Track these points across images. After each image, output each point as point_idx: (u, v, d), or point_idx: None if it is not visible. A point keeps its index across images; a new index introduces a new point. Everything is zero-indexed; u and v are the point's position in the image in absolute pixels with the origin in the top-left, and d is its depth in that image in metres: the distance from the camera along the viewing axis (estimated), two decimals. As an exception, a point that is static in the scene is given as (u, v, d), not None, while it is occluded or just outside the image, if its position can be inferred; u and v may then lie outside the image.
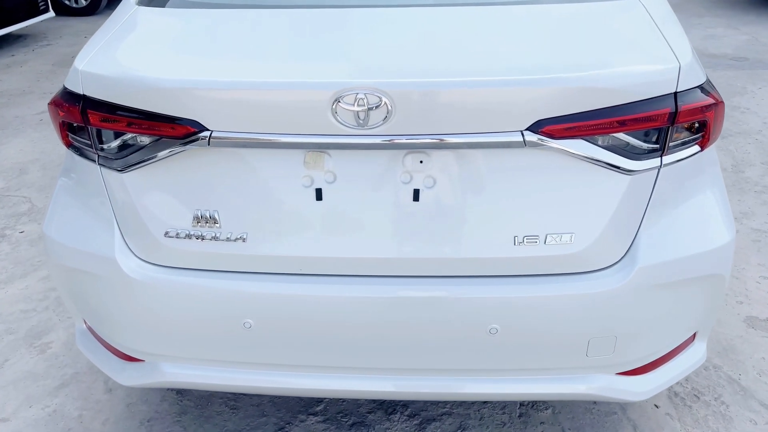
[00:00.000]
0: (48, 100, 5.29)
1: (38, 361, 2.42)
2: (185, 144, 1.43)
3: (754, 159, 3.95)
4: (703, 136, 1.51)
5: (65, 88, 1.58)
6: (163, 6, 1.79)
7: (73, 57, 6.49)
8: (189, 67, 1.44)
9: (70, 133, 1.61)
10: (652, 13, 1.61)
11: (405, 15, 1.62)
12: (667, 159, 1.47)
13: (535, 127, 1.37)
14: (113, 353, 1.78)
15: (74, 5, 8.31)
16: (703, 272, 1.55)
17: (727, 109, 4.72)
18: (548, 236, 1.46)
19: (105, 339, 1.77)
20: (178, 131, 1.42)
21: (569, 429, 2.06)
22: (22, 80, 5.84)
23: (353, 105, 1.35)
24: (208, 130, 1.41)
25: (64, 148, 1.67)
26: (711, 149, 1.62)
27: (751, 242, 3.06)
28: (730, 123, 4.48)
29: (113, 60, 1.53)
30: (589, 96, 1.36)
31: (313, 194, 1.47)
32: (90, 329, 1.87)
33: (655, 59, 1.43)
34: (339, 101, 1.35)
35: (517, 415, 2.11)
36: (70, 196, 1.70)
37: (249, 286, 1.53)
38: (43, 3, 7.01)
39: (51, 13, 7.14)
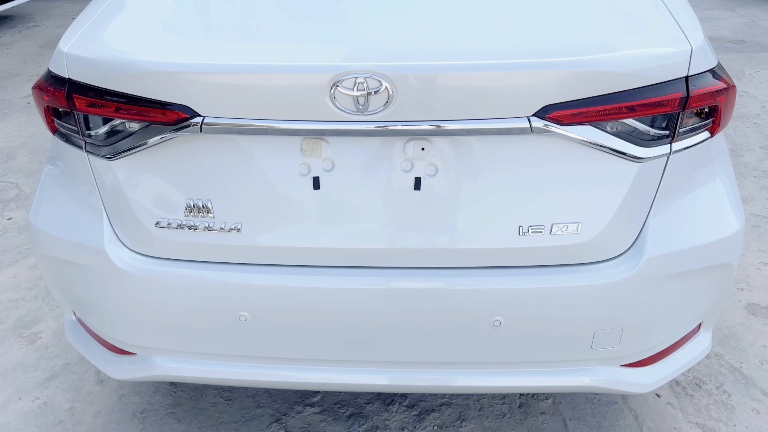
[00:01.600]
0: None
1: (28, 352, 2.37)
2: (176, 130, 1.37)
3: (753, 143, 3.91)
4: (713, 122, 1.46)
5: (50, 72, 1.51)
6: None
7: (60, 39, 6.38)
8: (180, 49, 1.37)
9: (55, 119, 1.54)
10: (662, -5, 1.55)
11: None
12: (676, 146, 1.42)
13: (542, 113, 1.31)
14: (104, 346, 1.73)
15: (61, -15, 8.12)
16: (712, 262, 1.51)
17: (725, 93, 4.68)
18: (554, 226, 1.42)
19: (95, 331, 1.71)
20: (168, 117, 1.36)
21: (570, 419, 2.03)
22: (9, 63, 5.71)
23: (352, 89, 1.28)
24: (200, 115, 1.35)
25: (51, 133, 1.60)
26: (720, 136, 1.57)
27: (751, 228, 3.03)
28: (728, 107, 4.44)
29: (100, 42, 1.45)
30: (598, 80, 1.30)
31: (311, 183, 1.41)
32: (80, 321, 1.82)
33: (666, 42, 1.38)
34: (337, 85, 1.28)
35: (518, 405, 2.08)
36: (57, 184, 1.63)
37: (244, 278, 1.47)
38: (28, -17, 6.84)
39: (37, -7, 6.97)
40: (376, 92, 1.28)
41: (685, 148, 1.43)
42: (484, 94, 1.30)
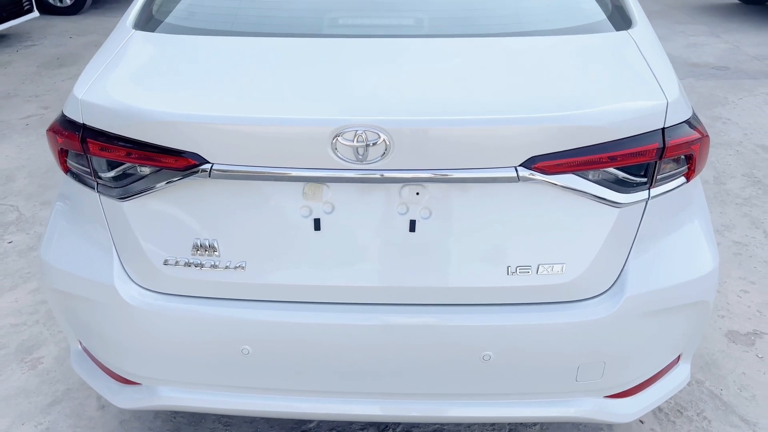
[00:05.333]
0: (34, 104, 5.27)
1: (30, 377, 2.42)
2: (186, 176, 1.45)
3: (735, 171, 4.03)
4: (689, 168, 1.57)
5: (64, 116, 1.60)
6: (158, 31, 1.80)
7: (58, 58, 6.47)
8: (190, 100, 1.46)
9: (68, 160, 1.62)
10: (641, 48, 1.66)
11: (401, 46, 1.65)
12: (654, 191, 1.52)
13: (529, 163, 1.41)
14: (110, 375, 1.80)
15: (58, 4, 8.23)
16: (688, 300, 1.61)
17: (708, 120, 4.82)
18: (540, 266, 1.51)
19: (102, 362, 1.78)
20: (179, 163, 1.44)
21: (557, 445, 2.11)
22: (7, 83, 5.78)
23: (352, 141, 1.38)
24: (209, 162, 1.43)
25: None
26: (696, 179, 1.67)
27: (732, 255, 3.14)
28: (711, 134, 4.57)
29: (113, 90, 1.54)
30: (580, 134, 1.40)
31: (312, 224, 1.50)
32: (85, 350, 1.88)
33: (643, 96, 1.48)
34: (339, 137, 1.38)
35: (507, 430, 2.16)
36: (68, 221, 1.71)
37: (248, 314, 1.55)
38: (27, 3, 6.93)
39: (35, 13, 7.06)
40: (374, 144, 1.38)
41: (663, 194, 1.53)
42: (475, 145, 1.39)
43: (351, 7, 1.85)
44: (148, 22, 1.86)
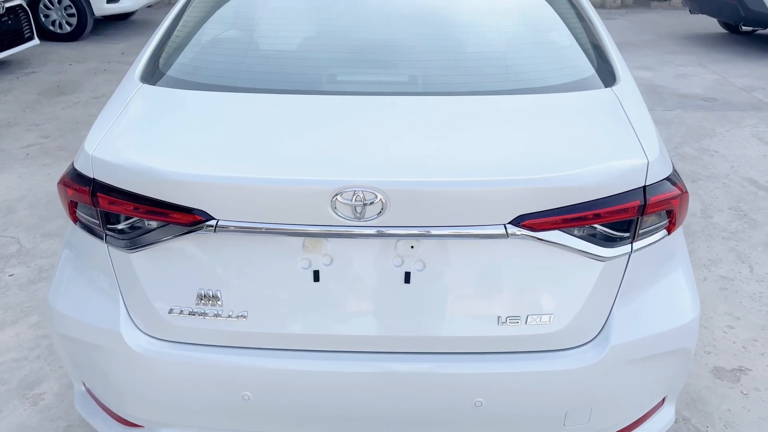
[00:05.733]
0: (34, 133, 5.35)
1: (31, 414, 2.47)
2: (192, 231, 1.53)
3: (722, 204, 4.13)
4: (669, 222, 1.65)
5: (75, 170, 1.67)
6: (165, 85, 1.89)
7: (58, 86, 6.57)
8: (197, 159, 1.54)
9: (78, 211, 1.70)
10: (624, 106, 1.75)
11: (396, 104, 1.74)
12: (636, 245, 1.60)
13: (517, 221, 1.49)
14: (113, 418, 1.85)
15: (58, 31, 8.35)
16: (671, 347, 1.68)
17: (696, 152, 4.94)
18: (529, 317, 1.58)
19: (106, 404, 1.84)
20: (186, 219, 1.52)
21: (548, 482, 2.16)
22: (7, 111, 5.86)
23: (351, 200, 1.46)
24: (214, 219, 1.51)
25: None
26: (677, 231, 1.76)
27: (718, 290, 3.22)
28: (699, 166, 4.69)
29: (123, 146, 1.62)
30: (565, 193, 1.48)
31: (311, 276, 1.57)
32: (89, 392, 1.94)
33: (625, 156, 1.57)
34: (338, 196, 1.46)
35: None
36: (76, 269, 1.78)
37: (248, 361, 1.62)
38: (28, 31, 7.04)
39: (36, 41, 7.17)
40: (371, 203, 1.46)
41: (645, 247, 1.62)
42: (465, 205, 1.47)
43: (348, 65, 1.94)
44: (154, 74, 1.95)
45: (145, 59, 2.03)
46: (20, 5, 6.88)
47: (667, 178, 1.63)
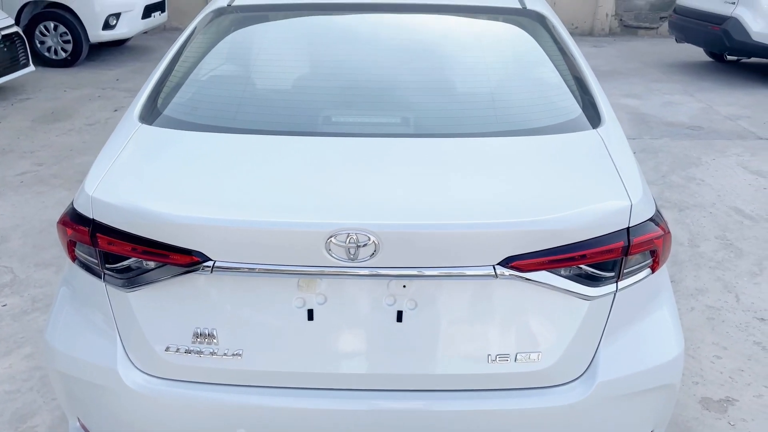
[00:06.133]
0: (29, 160, 5.38)
1: (24, 447, 2.47)
2: (189, 271, 1.57)
3: (709, 233, 4.21)
4: (653, 261, 1.71)
5: (75, 210, 1.71)
6: (163, 125, 1.94)
7: (53, 112, 6.62)
8: (195, 202, 1.58)
9: (77, 249, 1.73)
10: (609, 148, 1.82)
11: (388, 146, 1.79)
12: (621, 284, 1.65)
13: (505, 262, 1.54)
14: (107, 453, 1.87)
15: (54, 57, 8.41)
16: (656, 383, 1.73)
17: (682, 181, 5.03)
18: (518, 355, 1.63)
19: (100, 440, 1.85)
20: (183, 260, 1.56)
21: None
22: (1, 138, 5.88)
23: (345, 242, 1.50)
24: (211, 260, 1.55)
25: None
26: (662, 268, 1.81)
27: (705, 320, 3.27)
28: (686, 195, 4.78)
29: (122, 188, 1.66)
30: (551, 236, 1.54)
31: (305, 315, 1.61)
32: (84, 427, 1.95)
33: (610, 198, 1.63)
34: (332, 238, 1.50)
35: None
36: (73, 307, 1.81)
37: (244, 399, 1.64)
38: (23, 57, 7.10)
39: (31, 68, 7.23)
40: (364, 245, 1.50)
41: (629, 285, 1.67)
42: (456, 247, 1.52)
43: (343, 106, 2.00)
44: (152, 115, 2.00)
45: (144, 99, 2.08)
46: (16, 32, 6.95)
47: (651, 219, 1.68)
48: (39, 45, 8.32)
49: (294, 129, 1.88)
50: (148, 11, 8.85)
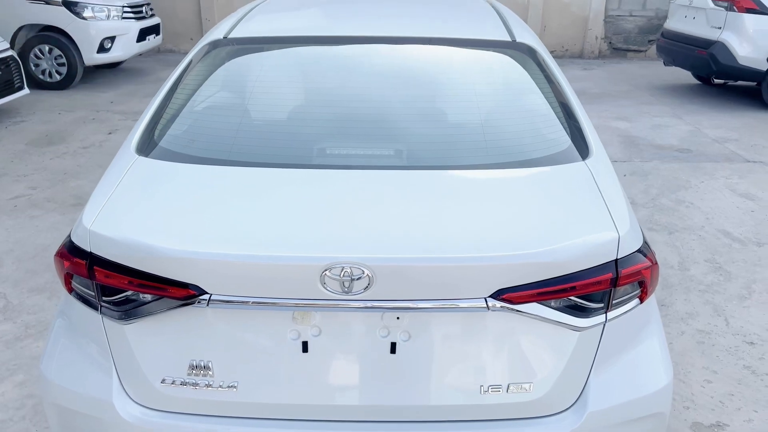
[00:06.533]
0: (22, 184, 5.38)
1: (16, 477, 2.46)
2: (186, 304, 1.59)
3: (698, 256, 4.26)
4: (642, 291, 1.74)
5: (72, 242, 1.73)
6: (160, 158, 1.96)
7: (47, 135, 6.64)
8: (192, 236, 1.61)
9: (73, 282, 1.75)
10: (597, 180, 1.86)
11: (381, 178, 1.83)
12: (611, 315, 1.68)
13: (497, 295, 1.58)
14: (102, 485, 1.87)
15: (48, 80, 8.45)
16: (646, 412, 1.75)
17: (672, 204, 5.09)
18: (510, 385, 1.65)
19: (95, 472, 1.85)
20: (180, 293, 1.58)
21: None
22: (-5, 161, 5.90)
23: (339, 276, 1.53)
24: (207, 293, 1.57)
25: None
26: (650, 298, 1.85)
27: (695, 344, 3.30)
28: (676, 218, 4.84)
29: (120, 222, 1.68)
30: (541, 269, 1.57)
31: (300, 347, 1.63)
32: (78, 459, 1.95)
33: (598, 230, 1.67)
34: (327, 272, 1.53)
35: None
36: (69, 338, 1.82)
37: (239, 431, 1.66)
38: (18, 81, 7.13)
39: (26, 91, 7.26)
40: (359, 278, 1.53)
41: (618, 316, 1.70)
42: (448, 280, 1.56)
43: (337, 139, 2.04)
44: (149, 147, 2.03)
45: (141, 130, 2.11)
46: (11, 56, 7.00)
47: (639, 250, 1.72)
48: (34, 68, 8.37)
49: (289, 161, 1.92)
50: (143, 34, 8.93)
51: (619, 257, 1.66)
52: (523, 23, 2.88)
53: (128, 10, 8.68)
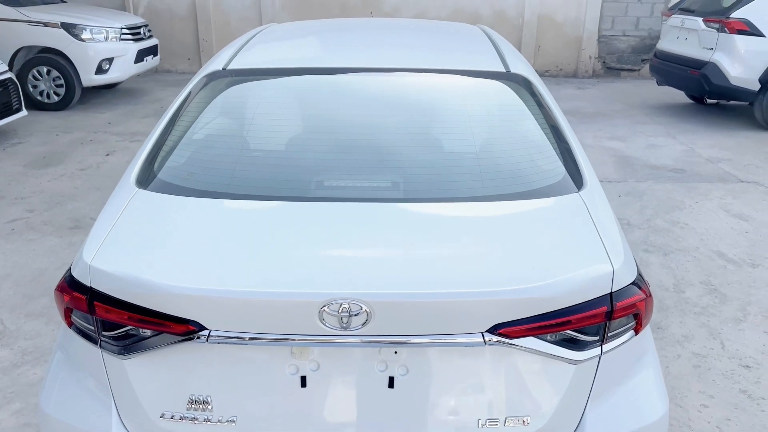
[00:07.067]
0: (20, 207, 5.39)
1: None
2: (185, 340, 1.60)
3: (693, 278, 4.28)
4: (636, 323, 1.76)
5: (72, 277, 1.74)
6: (159, 191, 1.99)
7: (45, 157, 6.66)
8: (192, 272, 1.62)
9: (73, 316, 1.76)
10: (591, 212, 1.89)
11: (379, 212, 1.85)
12: (606, 347, 1.70)
13: (493, 329, 1.59)
14: None
15: (46, 101, 8.49)
16: (642, 444, 1.77)
17: (667, 225, 5.13)
18: (507, 419, 1.66)
19: (93, 506, 1.85)
20: (179, 329, 1.60)
21: None
22: (-7, 183, 5.91)
23: (337, 311, 1.55)
24: (207, 329, 1.59)
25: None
26: (645, 329, 1.87)
27: (692, 368, 3.32)
28: (670, 239, 4.87)
29: (120, 257, 1.70)
30: (536, 304, 1.60)
31: (299, 381, 1.65)
32: (76, 492, 1.95)
33: (592, 264, 1.69)
34: (325, 307, 1.55)
35: None
36: (68, 372, 1.83)
37: (237, 465, 1.66)
38: (16, 102, 7.17)
39: (24, 113, 7.29)
40: (357, 314, 1.55)
41: (614, 348, 1.72)
42: (445, 315, 1.58)
43: (335, 172, 2.06)
44: (149, 179, 2.05)
45: (140, 163, 2.14)
46: (9, 78, 7.04)
47: (633, 283, 1.74)
48: (32, 89, 8.41)
49: (288, 194, 1.94)
50: (140, 55, 8.99)
51: (613, 290, 1.68)
52: (517, 53, 2.93)
53: (126, 31, 8.76)
